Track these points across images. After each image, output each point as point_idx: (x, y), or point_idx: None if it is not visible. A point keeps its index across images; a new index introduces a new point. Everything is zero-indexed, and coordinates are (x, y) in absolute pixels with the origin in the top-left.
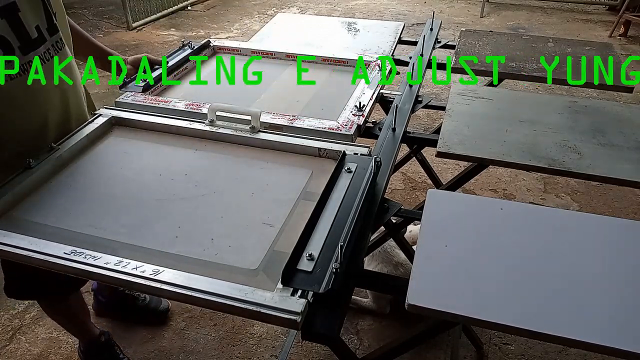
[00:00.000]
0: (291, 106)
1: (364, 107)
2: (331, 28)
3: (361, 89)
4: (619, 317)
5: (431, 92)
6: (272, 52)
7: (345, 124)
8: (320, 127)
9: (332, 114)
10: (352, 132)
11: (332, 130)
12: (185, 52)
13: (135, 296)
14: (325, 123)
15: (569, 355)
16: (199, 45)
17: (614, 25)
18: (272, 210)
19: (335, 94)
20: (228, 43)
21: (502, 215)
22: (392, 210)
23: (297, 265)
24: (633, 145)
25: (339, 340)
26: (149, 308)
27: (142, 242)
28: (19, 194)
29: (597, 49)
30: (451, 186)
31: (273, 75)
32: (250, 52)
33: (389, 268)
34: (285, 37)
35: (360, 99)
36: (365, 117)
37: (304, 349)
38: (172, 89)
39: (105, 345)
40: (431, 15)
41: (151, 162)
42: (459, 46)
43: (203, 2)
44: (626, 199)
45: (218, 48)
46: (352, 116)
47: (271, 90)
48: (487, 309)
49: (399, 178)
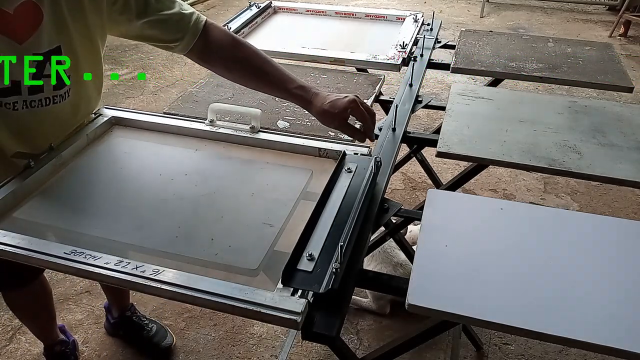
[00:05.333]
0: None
1: (405, 45)
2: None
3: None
4: (619, 317)
5: (431, 92)
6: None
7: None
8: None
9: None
10: (399, 62)
11: (384, 61)
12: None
13: (142, 325)
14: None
15: (569, 355)
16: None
17: (614, 25)
18: (272, 210)
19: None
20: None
21: (502, 215)
22: (392, 210)
23: (297, 265)
24: (633, 145)
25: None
26: (152, 342)
27: (142, 242)
28: (19, 194)
29: (597, 49)
30: (451, 186)
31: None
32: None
33: (389, 268)
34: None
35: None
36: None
37: (304, 349)
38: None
39: (60, 355)
40: (431, 15)
41: (151, 162)
42: (459, 46)
43: (203, 2)
44: (626, 199)
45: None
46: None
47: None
48: (487, 309)
49: (399, 178)
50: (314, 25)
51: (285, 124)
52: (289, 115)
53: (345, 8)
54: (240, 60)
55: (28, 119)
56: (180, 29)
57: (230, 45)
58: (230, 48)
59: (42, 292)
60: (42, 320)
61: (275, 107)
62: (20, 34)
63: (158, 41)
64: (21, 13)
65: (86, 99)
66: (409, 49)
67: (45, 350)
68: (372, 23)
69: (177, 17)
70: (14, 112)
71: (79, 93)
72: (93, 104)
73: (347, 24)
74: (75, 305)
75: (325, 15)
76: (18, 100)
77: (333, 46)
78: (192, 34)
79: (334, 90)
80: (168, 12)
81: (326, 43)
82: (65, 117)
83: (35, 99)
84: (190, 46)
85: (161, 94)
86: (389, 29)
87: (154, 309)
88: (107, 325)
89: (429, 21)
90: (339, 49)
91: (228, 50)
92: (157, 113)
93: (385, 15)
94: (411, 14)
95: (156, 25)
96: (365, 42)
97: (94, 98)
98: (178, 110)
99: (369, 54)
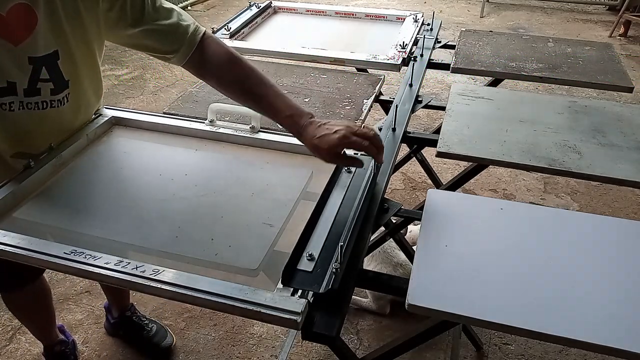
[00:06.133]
0: (347, 46)
1: (405, 45)
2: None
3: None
4: (619, 317)
5: (431, 92)
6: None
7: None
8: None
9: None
10: (399, 62)
11: (384, 61)
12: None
13: (142, 325)
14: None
15: (569, 355)
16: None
17: (614, 25)
18: (272, 210)
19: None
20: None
21: (502, 215)
22: (392, 210)
23: (297, 265)
24: (633, 145)
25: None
26: (152, 342)
27: (142, 242)
28: (19, 194)
29: (597, 49)
30: (451, 186)
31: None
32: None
33: (389, 269)
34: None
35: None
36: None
37: (304, 349)
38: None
39: (60, 355)
40: (431, 15)
41: (151, 162)
42: (459, 46)
43: (203, 2)
44: (626, 199)
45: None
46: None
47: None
48: (487, 309)
49: (399, 178)
50: (314, 25)
51: None
52: None
53: (345, 8)
54: (235, 79)
55: (25, 120)
56: (177, 40)
57: (226, 62)
58: (227, 64)
59: (41, 292)
60: (41, 321)
61: None
62: (14, 36)
63: (154, 51)
64: (14, 15)
65: (85, 103)
66: (409, 49)
67: (45, 350)
68: (372, 23)
69: (174, 27)
70: (10, 112)
71: (79, 98)
72: (92, 109)
73: (347, 24)
74: (75, 305)
75: (325, 15)
76: (14, 100)
77: (333, 46)
78: (188, 46)
79: (334, 90)
80: (165, 22)
81: (326, 43)
82: (64, 121)
83: (31, 101)
84: (187, 58)
85: (161, 94)
86: (389, 29)
87: (154, 309)
88: (107, 325)
89: (429, 21)
90: (339, 49)
91: (224, 66)
92: (157, 113)
93: (385, 15)
94: (411, 14)
95: (152, 34)
96: (365, 42)
97: (93, 103)
98: (178, 110)
99: (369, 54)
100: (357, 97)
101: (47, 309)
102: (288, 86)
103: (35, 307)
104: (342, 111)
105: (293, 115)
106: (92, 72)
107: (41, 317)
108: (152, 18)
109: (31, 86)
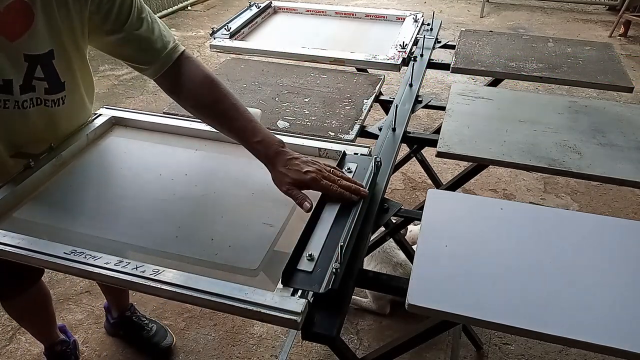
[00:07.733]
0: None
1: (405, 45)
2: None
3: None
4: (619, 317)
5: (431, 92)
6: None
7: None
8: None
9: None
10: (399, 62)
11: (384, 61)
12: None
13: (142, 325)
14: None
15: (569, 355)
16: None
17: (614, 25)
18: (272, 210)
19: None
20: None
21: (502, 215)
22: (392, 210)
23: (297, 266)
24: (633, 145)
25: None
26: (152, 342)
27: (142, 242)
28: (19, 194)
29: (597, 49)
30: (451, 186)
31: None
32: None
33: (389, 268)
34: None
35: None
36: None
37: (304, 349)
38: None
39: (61, 355)
40: (431, 15)
41: (151, 162)
42: (459, 46)
43: (203, 2)
44: (626, 199)
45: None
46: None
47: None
48: (488, 309)
49: (399, 178)
50: (314, 25)
51: (285, 124)
52: (289, 115)
53: (345, 8)
54: (208, 100)
55: (19, 120)
56: (153, 54)
57: (200, 84)
58: (200, 87)
59: (41, 297)
60: (42, 324)
61: (275, 107)
62: (11, 32)
63: (130, 60)
64: (11, 11)
65: (81, 105)
66: (409, 49)
67: (46, 350)
68: (372, 23)
69: (152, 40)
70: (5, 110)
71: (75, 100)
72: (86, 112)
73: (347, 24)
74: (75, 305)
75: (325, 15)
76: (9, 99)
77: (333, 46)
78: (162, 62)
79: (334, 90)
80: (145, 34)
81: (326, 43)
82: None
83: (26, 98)
84: (159, 73)
85: (161, 94)
86: (389, 29)
87: (154, 309)
88: (107, 325)
89: (429, 21)
90: (339, 49)
91: (197, 89)
92: (157, 113)
93: (385, 15)
94: (411, 14)
95: (130, 43)
96: (365, 42)
97: (87, 107)
98: (178, 110)
99: (368, 54)
100: (357, 97)
101: (47, 312)
102: (288, 86)
103: (35, 311)
104: (342, 111)
105: (263, 141)
106: (86, 74)
107: (41, 320)
108: (134, 27)
109: (26, 83)
